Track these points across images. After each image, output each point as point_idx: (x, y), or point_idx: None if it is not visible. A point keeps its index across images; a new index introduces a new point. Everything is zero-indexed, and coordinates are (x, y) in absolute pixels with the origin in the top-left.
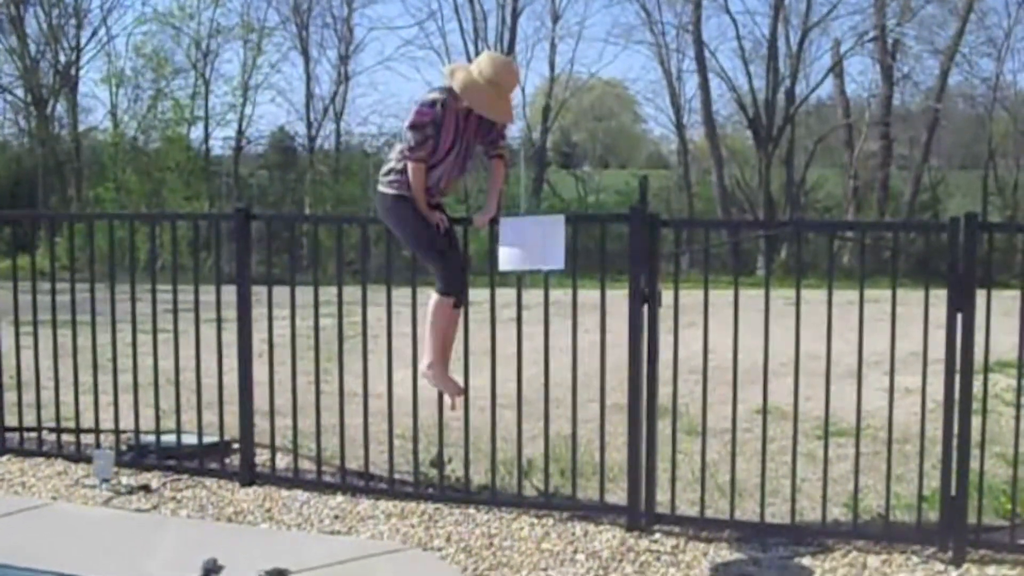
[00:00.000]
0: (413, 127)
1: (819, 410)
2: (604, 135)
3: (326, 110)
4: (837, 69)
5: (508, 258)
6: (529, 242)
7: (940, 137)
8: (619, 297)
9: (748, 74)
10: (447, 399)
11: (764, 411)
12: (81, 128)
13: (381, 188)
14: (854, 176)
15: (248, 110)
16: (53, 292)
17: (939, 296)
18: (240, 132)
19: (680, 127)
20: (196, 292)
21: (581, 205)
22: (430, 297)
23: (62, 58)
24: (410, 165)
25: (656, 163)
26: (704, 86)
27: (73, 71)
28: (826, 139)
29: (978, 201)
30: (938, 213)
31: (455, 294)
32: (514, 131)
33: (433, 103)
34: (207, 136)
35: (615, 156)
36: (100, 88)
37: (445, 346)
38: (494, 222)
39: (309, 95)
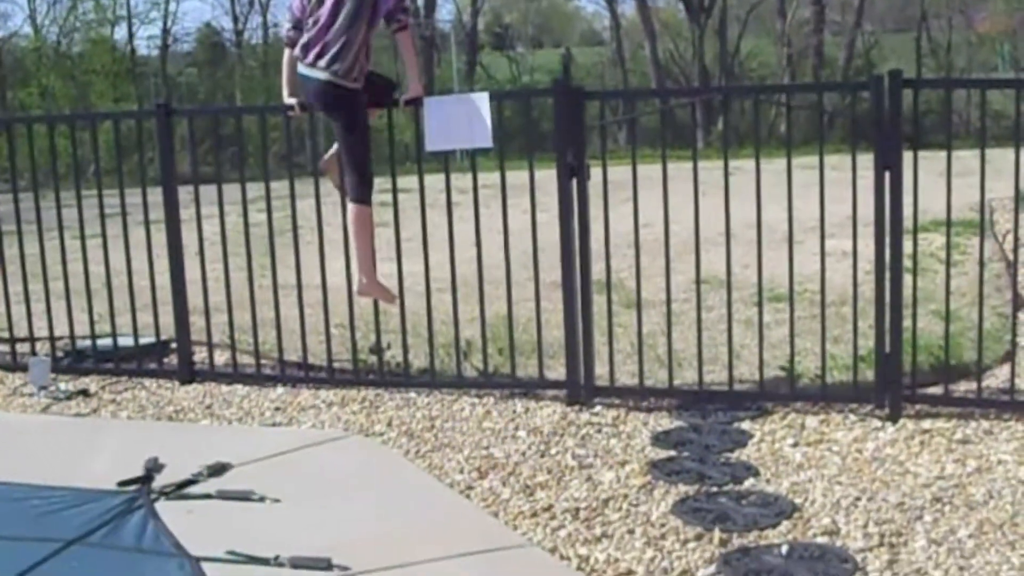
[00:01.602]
0: None
1: (757, 277)
2: (536, 15)
3: (252, 3)
4: None
5: (435, 138)
6: (455, 121)
7: (872, 1)
8: (553, 176)
9: None
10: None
11: (698, 280)
12: (0, 35)
13: (337, 80)
14: (787, 44)
15: (172, 7)
16: None
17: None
18: (165, 30)
19: (611, 2)
20: (122, 193)
21: (516, 86)
22: (349, 210)
23: None
24: (407, 37)
25: (590, 40)
26: None
27: None
28: (758, 8)
29: (912, 64)
30: (876, 75)
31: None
32: (444, 14)
33: None
34: (131, 36)
35: (548, 35)
36: None
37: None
38: (419, 103)
39: None
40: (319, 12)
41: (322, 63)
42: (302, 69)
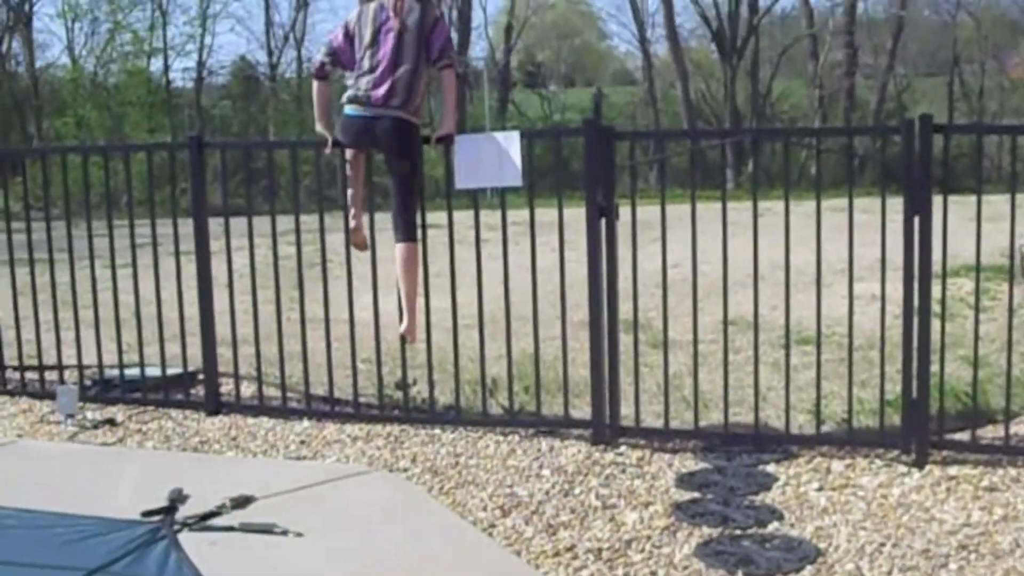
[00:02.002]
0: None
1: (785, 320)
2: (569, 53)
3: (286, 37)
4: None
5: (465, 176)
6: (486, 159)
7: (905, 44)
8: (583, 214)
9: None
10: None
11: (725, 321)
12: (38, 65)
13: (408, 117)
14: (819, 86)
15: (208, 40)
16: (9, 231)
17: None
18: (200, 63)
19: (644, 42)
20: (153, 224)
21: (547, 124)
22: (400, 249)
23: None
24: (452, 75)
25: (622, 80)
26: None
27: (27, 7)
28: (791, 50)
29: (944, 108)
30: (906, 119)
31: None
32: (477, 51)
33: None
34: (167, 68)
35: (580, 74)
36: (56, 23)
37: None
38: (450, 141)
39: (269, 23)
40: (379, 54)
41: (395, 102)
42: (364, 111)
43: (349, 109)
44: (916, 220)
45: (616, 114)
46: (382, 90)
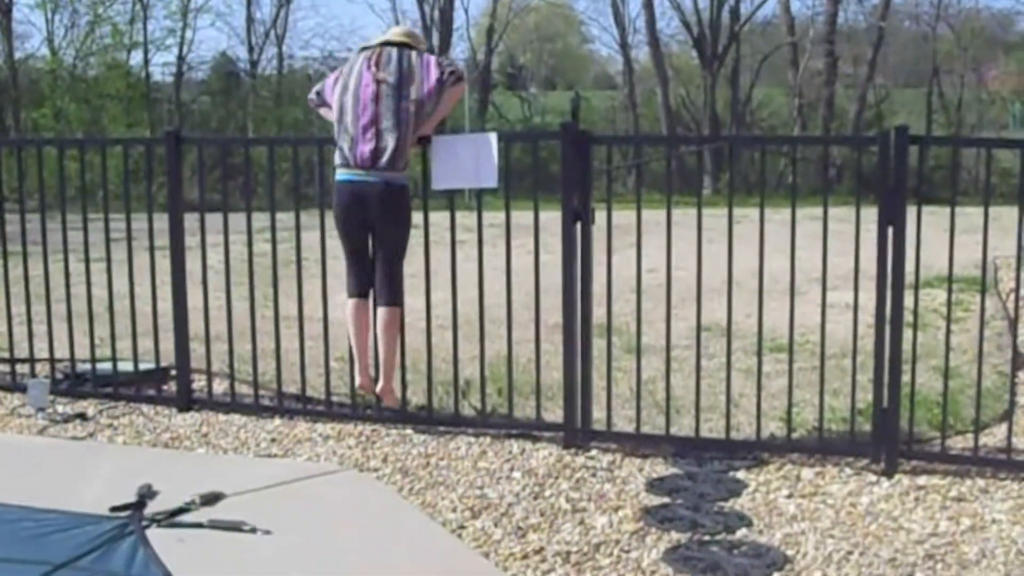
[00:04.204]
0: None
1: (758, 327)
2: (550, 56)
3: (267, 34)
4: None
5: (441, 177)
6: (462, 160)
7: (885, 55)
8: (559, 217)
9: None
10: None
11: (698, 327)
12: (17, 56)
13: (398, 180)
14: (799, 94)
15: (188, 35)
16: None
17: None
18: (181, 58)
19: (625, 47)
20: (128, 219)
21: (527, 126)
22: (382, 312)
23: None
24: (459, 91)
25: (603, 84)
26: (648, 5)
27: None
28: (771, 58)
29: (923, 118)
30: (883, 130)
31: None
32: (458, 53)
33: None
34: (147, 62)
35: (561, 77)
36: (36, 13)
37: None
38: (427, 142)
39: (250, 19)
40: (358, 110)
41: (382, 162)
42: (352, 175)
43: (340, 174)
44: (890, 230)
45: (596, 118)
46: (367, 148)
